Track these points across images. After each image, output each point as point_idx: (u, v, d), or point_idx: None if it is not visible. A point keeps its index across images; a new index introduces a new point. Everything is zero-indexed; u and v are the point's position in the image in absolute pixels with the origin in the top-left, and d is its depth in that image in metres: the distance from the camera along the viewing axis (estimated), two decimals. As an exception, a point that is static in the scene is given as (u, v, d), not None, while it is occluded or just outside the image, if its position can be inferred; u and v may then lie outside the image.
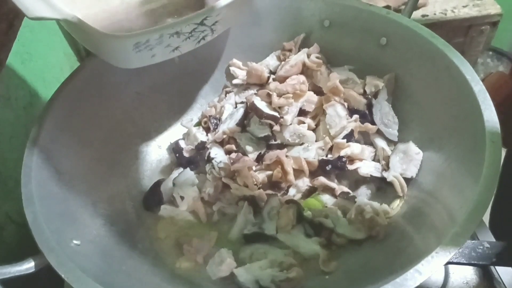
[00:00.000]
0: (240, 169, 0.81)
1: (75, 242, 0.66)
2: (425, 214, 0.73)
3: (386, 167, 0.82)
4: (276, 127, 0.84)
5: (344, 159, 0.81)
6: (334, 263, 0.74)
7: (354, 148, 0.82)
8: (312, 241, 0.76)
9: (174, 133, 1.02)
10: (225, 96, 0.99)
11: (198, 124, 0.98)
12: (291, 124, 0.85)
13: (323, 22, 1.00)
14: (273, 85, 0.87)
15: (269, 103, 0.86)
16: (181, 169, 0.89)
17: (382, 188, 0.83)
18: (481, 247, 0.75)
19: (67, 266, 0.60)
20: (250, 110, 0.86)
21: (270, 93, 0.85)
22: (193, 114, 1.04)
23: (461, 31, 1.55)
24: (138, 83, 0.97)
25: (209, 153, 0.87)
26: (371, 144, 0.88)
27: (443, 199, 0.72)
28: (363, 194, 0.83)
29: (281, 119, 0.83)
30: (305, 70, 0.93)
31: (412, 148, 0.80)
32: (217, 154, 0.86)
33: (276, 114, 0.83)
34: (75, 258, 0.63)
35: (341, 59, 0.98)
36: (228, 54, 1.07)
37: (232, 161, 0.82)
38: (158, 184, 0.87)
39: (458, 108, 0.76)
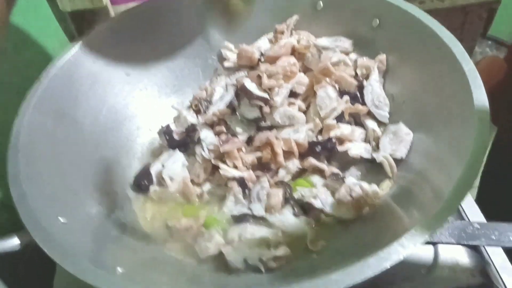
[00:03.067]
0: (230, 150, 0.81)
1: (61, 220, 0.66)
2: (414, 194, 0.74)
3: (376, 148, 0.82)
4: (266, 109, 0.84)
5: (334, 141, 0.81)
6: (321, 242, 0.74)
7: (344, 129, 0.82)
8: (300, 221, 0.77)
9: (165, 116, 1.01)
10: (217, 79, 0.98)
11: (190, 107, 0.98)
12: (281, 105, 0.85)
13: (316, 5, 1.00)
14: (263, 66, 0.87)
15: (260, 84, 0.86)
16: (171, 152, 0.89)
17: (372, 169, 0.83)
18: (471, 227, 0.76)
19: (52, 242, 0.60)
20: (240, 92, 0.85)
21: (261, 74, 0.84)
22: (185, 98, 1.04)
23: (458, 18, 1.54)
24: (128, 63, 0.97)
25: (199, 135, 0.86)
26: (362, 125, 0.87)
27: (431, 179, 0.72)
28: (353, 175, 0.83)
29: (271, 101, 0.83)
30: (296, 53, 0.92)
31: (403, 128, 0.80)
32: (207, 136, 0.86)
33: (265, 95, 0.83)
34: (61, 235, 0.63)
35: (333, 42, 0.97)
36: (220, 37, 1.06)
37: (221, 142, 0.83)
38: (147, 166, 0.87)
39: (448, 88, 0.76)
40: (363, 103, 0.87)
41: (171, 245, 0.78)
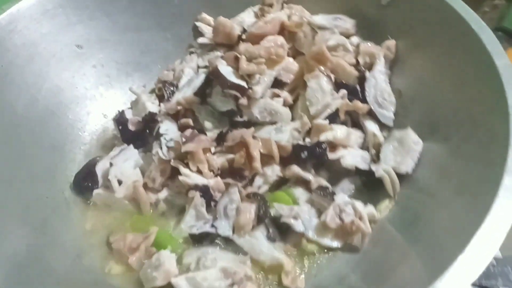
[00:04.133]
0: (194, 150, 0.65)
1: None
2: (423, 221, 0.59)
3: (376, 158, 0.66)
4: (243, 100, 0.67)
5: (324, 146, 0.64)
6: (301, 278, 0.58)
7: (338, 132, 0.66)
8: (276, 247, 0.61)
9: (125, 100, 0.84)
10: (188, 58, 0.81)
11: (153, 91, 0.80)
12: (262, 97, 0.68)
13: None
14: (243, 46, 0.70)
15: (237, 69, 0.68)
16: (124, 146, 0.72)
17: (370, 182, 0.66)
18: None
19: None
20: (212, 77, 0.68)
21: (239, 56, 0.67)
22: (149, 79, 0.86)
23: (473, 5, 1.36)
24: (79, 33, 0.79)
25: (159, 127, 0.69)
26: (361, 127, 0.71)
27: (447, 203, 0.57)
28: (345, 190, 0.67)
29: (250, 91, 0.66)
30: (285, 32, 0.74)
31: (411, 136, 0.64)
32: (168, 130, 0.70)
33: (243, 83, 0.66)
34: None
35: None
36: (197, 6, 0.88)
37: (184, 139, 0.66)
38: (93, 163, 0.70)
39: (474, 88, 0.60)
40: (364, 100, 0.70)
41: (112, 269, 0.62)
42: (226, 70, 0.68)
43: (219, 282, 0.58)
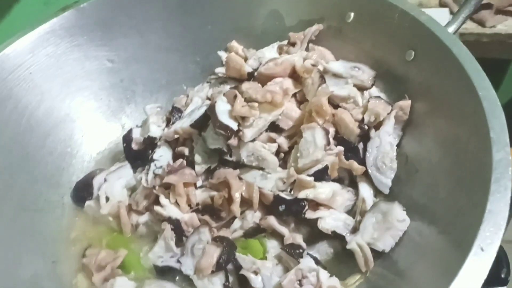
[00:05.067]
0: (175, 183, 0.65)
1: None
2: None
3: (358, 227, 0.61)
4: (233, 141, 0.66)
5: (303, 203, 0.62)
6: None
7: (321, 191, 0.63)
8: (228, 300, 0.59)
9: (144, 116, 0.87)
10: (204, 85, 0.82)
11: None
12: (254, 140, 0.66)
13: (345, 15, 0.78)
14: (246, 86, 0.69)
15: None
16: (125, 163, 0.75)
17: (350, 251, 0.62)
18: None
19: None
20: (209, 113, 0.68)
21: (237, 96, 0.66)
22: (171, 99, 0.89)
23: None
24: (111, 48, 0.84)
25: (154, 152, 0.72)
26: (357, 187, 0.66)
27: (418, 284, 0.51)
28: (321, 252, 0.64)
29: (240, 133, 0.65)
30: (298, 76, 0.72)
31: (397, 212, 0.59)
32: (162, 156, 0.72)
33: (233, 125, 0.66)
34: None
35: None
36: (229, 34, 0.89)
37: (169, 170, 0.67)
38: (92, 175, 0.75)
39: (469, 173, 0.53)
40: (363, 161, 0.65)
41: (79, 283, 0.65)
42: (223, 108, 0.68)
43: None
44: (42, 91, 0.78)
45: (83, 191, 0.74)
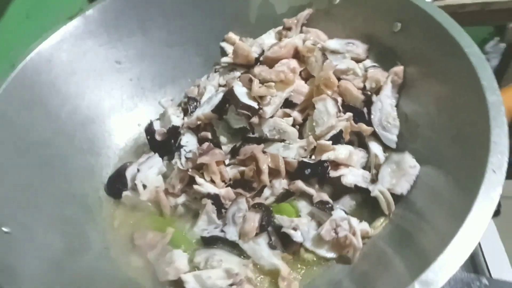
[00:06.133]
0: (208, 162, 0.73)
1: (5, 229, 0.61)
2: (413, 239, 0.63)
3: (376, 178, 0.71)
4: (254, 119, 0.74)
5: (326, 164, 0.70)
6: (295, 284, 0.65)
7: (340, 152, 0.72)
8: (275, 254, 0.68)
9: (158, 110, 0.94)
10: (213, 75, 0.89)
11: (180, 104, 0.89)
12: (272, 116, 0.75)
13: (333, -3, 0.87)
14: (258, 69, 0.77)
15: (251, 90, 0.76)
16: (151, 154, 0.81)
17: (370, 200, 0.71)
18: (478, 283, 0.65)
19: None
20: (228, 97, 0.76)
21: (252, 79, 0.74)
22: (180, 91, 0.96)
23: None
24: (118, 49, 0.90)
25: (180, 139, 0.78)
26: (367, 147, 0.76)
27: (436, 224, 0.61)
28: (345, 205, 0.73)
29: (260, 111, 0.73)
30: (300, 55, 0.81)
31: (408, 160, 0.68)
32: (189, 142, 0.78)
33: (254, 104, 0.74)
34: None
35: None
36: (227, 25, 0.96)
37: (200, 152, 0.74)
38: (124, 167, 0.81)
39: (466, 120, 0.63)
40: (369, 122, 0.75)
41: (133, 262, 0.71)
42: (240, 91, 0.75)
43: (221, 281, 0.65)
44: (63, 94, 0.82)
45: (118, 183, 0.80)
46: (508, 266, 0.80)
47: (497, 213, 0.77)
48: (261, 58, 0.83)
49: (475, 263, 0.83)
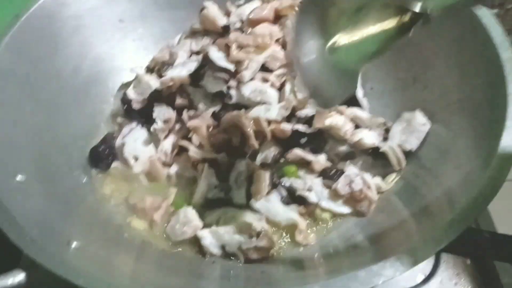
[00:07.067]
0: (199, 126, 0.75)
1: (19, 178, 0.62)
2: (422, 194, 0.76)
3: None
4: (232, 82, 0.79)
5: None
6: (312, 236, 0.67)
7: (337, 120, 0.77)
8: (291, 208, 0.69)
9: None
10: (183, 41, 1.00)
11: (149, 70, 0.99)
12: (252, 79, 0.84)
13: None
14: (234, 35, 0.88)
15: (228, 55, 0.86)
16: (133, 125, 0.90)
17: (381, 158, 0.76)
18: (480, 236, 0.66)
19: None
20: (205, 62, 0.84)
21: (229, 44, 0.77)
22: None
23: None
24: (121, 9, 0.95)
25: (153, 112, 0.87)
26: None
27: (444, 180, 0.71)
28: (358, 164, 0.76)
29: (238, 75, 0.76)
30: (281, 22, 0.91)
31: (418, 118, 0.79)
32: (161, 111, 0.83)
33: (231, 67, 0.84)
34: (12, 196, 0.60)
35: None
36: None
37: (190, 116, 0.74)
38: (109, 137, 0.88)
39: (479, 78, 0.68)
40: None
41: (134, 223, 0.72)
42: (217, 56, 0.84)
43: (238, 235, 0.66)
44: (65, 54, 0.82)
45: (103, 152, 0.80)
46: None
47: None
48: (239, 26, 0.89)
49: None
